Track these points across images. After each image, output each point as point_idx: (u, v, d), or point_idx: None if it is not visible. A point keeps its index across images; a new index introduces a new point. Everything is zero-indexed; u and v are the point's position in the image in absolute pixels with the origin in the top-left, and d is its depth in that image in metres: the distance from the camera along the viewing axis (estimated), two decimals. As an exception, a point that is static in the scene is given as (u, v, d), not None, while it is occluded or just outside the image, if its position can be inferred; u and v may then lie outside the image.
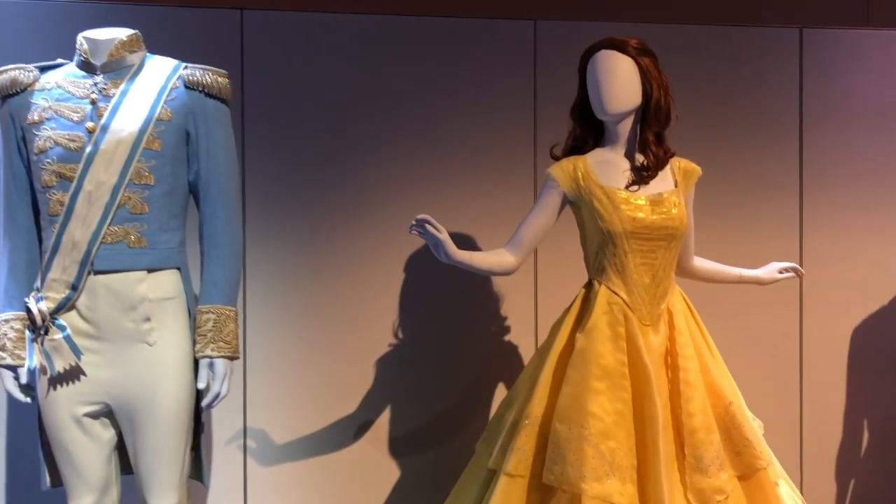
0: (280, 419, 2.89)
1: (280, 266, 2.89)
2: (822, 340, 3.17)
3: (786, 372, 3.15)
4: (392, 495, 2.94)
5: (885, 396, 3.20)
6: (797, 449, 3.16)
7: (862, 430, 3.21)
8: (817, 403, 3.16)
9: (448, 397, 2.97)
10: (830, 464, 3.19)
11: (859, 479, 3.19)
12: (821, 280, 3.16)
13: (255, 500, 2.88)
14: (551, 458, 2.11)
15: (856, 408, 3.19)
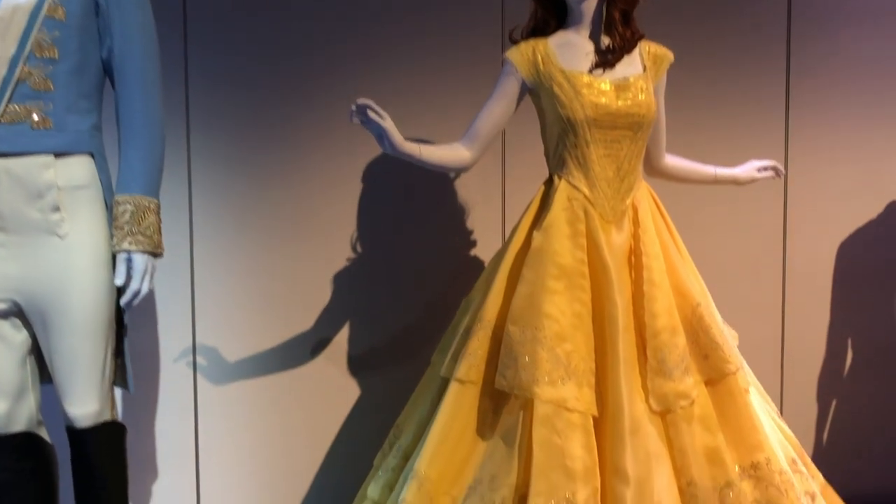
0: (231, 335, 2.74)
1: (228, 175, 2.72)
2: (807, 256, 3.01)
3: (768, 289, 3.00)
4: (351, 414, 2.81)
5: (870, 315, 3.05)
6: (778, 370, 3.02)
7: (845, 349, 3.07)
8: (799, 322, 3.02)
9: (410, 314, 2.82)
10: (812, 385, 3.05)
11: (841, 400, 3.06)
12: (806, 192, 2.99)
13: (206, 419, 2.74)
14: (503, 363, 1.96)
15: (839, 327, 3.05)
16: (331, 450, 2.80)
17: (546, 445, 1.86)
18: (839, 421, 3.06)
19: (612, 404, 1.90)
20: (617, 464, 1.85)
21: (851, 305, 3.04)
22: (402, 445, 2.19)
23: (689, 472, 1.89)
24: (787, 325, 3.02)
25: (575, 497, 1.82)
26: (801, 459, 2.14)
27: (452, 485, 1.97)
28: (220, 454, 2.75)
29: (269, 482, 2.77)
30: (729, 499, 1.88)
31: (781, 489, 1.93)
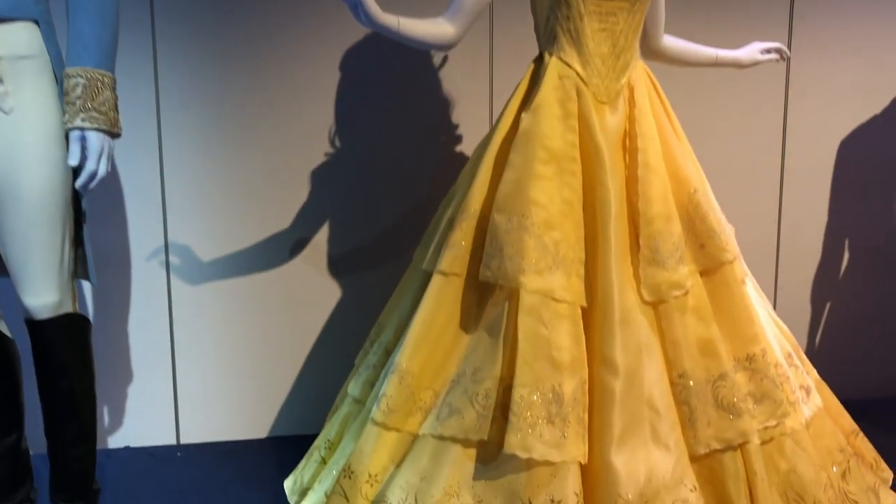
0: (204, 234, 2.62)
1: (197, 60, 2.54)
2: (806, 153, 2.90)
3: (765, 188, 2.89)
4: (332, 316, 2.72)
5: (868, 216, 2.96)
6: (773, 271, 2.94)
7: (841, 251, 2.99)
8: (796, 222, 2.93)
9: (393, 212, 2.70)
10: (806, 287, 2.98)
11: (835, 303, 2.99)
12: (808, 86, 2.85)
13: (181, 320, 2.65)
14: (488, 253, 1.85)
15: (836, 227, 2.96)
16: (311, 351, 2.72)
17: (532, 336, 1.77)
18: (833, 323, 3.00)
19: (602, 294, 1.80)
20: (606, 355, 1.77)
21: (849, 205, 2.94)
22: (383, 342, 2.10)
23: (681, 364, 1.81)
24: (783, 224, 2.92)
25: (561, 388, 1.74)
26: (797, 354, 2.07)
27: (434, 378, 1.89)
28: (197, 356, 2.67)
29: (249, 384, 2.70)
30: (722, 391, 1.80)
31: (776, 382, 1.86)
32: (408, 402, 1.87)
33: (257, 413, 2.72)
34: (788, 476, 1.83)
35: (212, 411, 2.70)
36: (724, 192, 2.78)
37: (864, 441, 2.16)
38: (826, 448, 1.96)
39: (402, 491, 1.79)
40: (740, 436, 1.78)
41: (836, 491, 1.89)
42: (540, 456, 1.69)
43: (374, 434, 1.87)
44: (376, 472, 1.86)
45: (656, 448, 1.74)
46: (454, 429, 1.79)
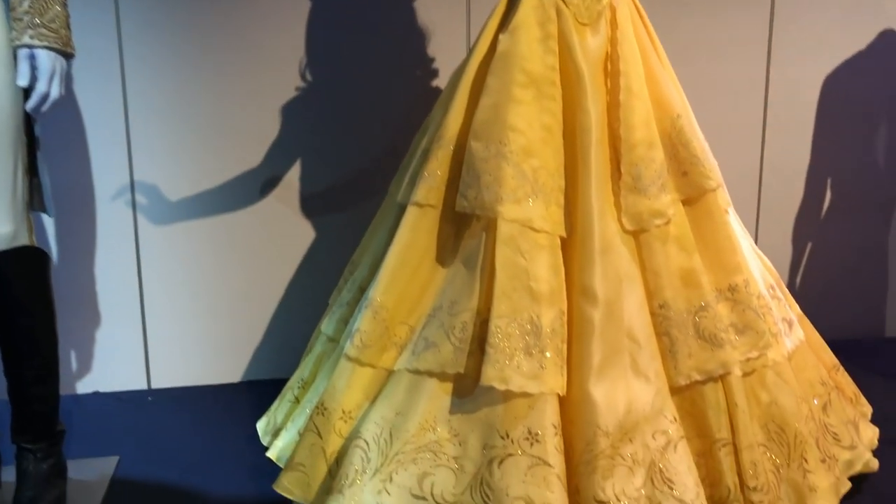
0: (172, 171, 2.53)
1: None
2: (790, 89, 2.83)
3: (748, 124, 2.83)
4: (307, 256, 2.65)
5: (852, 152, 2.91)
6: (754, 209, 2.90)
7: (824, 189, 2.94)
8: (779, 160, 2.87)
9: (368, 149, 2.61)
10: (788, 226, 2.94)
11: (816, 242, 2.96)
12: (794, 18, 2.77)
13: (149, 261, 2.57)
14: (465, 182, 1.79)
15: (819, 166, 2.91)
16: (286, 293, 2.65)
17: (509, 266, 1.71)
18: (813, 264, 2.97)
19: (582, 223, 1.74)
20: (585, 284, 1.72)
21: (833, 143, 2.89)
22: (357, 279, 2.04)
23: (662, 294, 1.76)
24: (765, 164, 2.87)
25: (539, 319, 1.69)
26: (780, 287, 2.03)
27: (410, 313, 1.83)
28: (166, 299, 2.59)
29: (222, 327, 2.63)
30: (704, 322, 1.76)
31: (759, 313, 1.82)
32: (382, 337, 1.82)
33: (231, 357, 2.66)
34: (770, 408, 1.80)
35: (183, 355, 2.63)
36: (706, 129, 2.73)
37: (844, 376, 2.14)
38: (807, 381, 1.93)
39: (377, 426, 1.75)
40: (721, 367, 1.74)
41: (816, 423, 1.86)
42: (517, 387, 1.65)
43: (347, 370, 1.82)
44: (350, 409, 1.81)
45: (636, 379, 1.70)
46: (430, 362, 1.74)
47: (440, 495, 1.67)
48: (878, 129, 2.92)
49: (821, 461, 1.79)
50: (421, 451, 1.70)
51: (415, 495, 1.68)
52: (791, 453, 1.78)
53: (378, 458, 1.71)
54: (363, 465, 1.71)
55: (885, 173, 2.96)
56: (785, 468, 1.78)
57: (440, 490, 1.67)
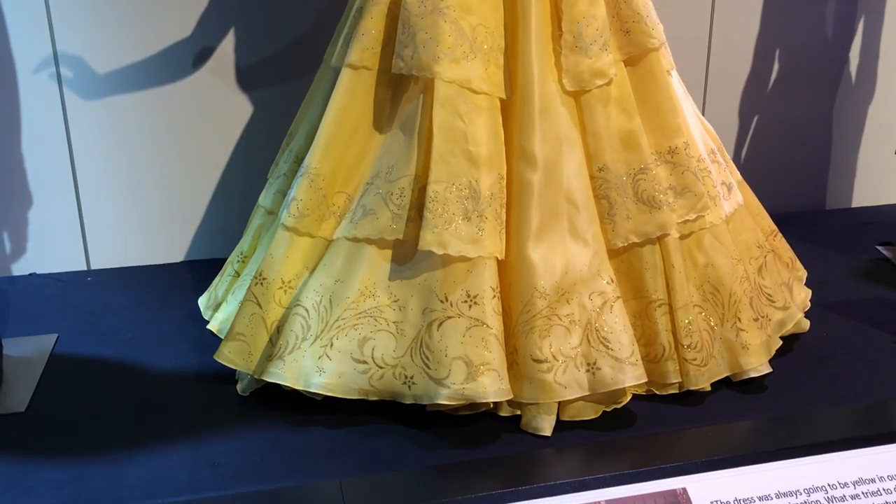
0: (98, 41, 2.39)
1: None
2: (741, -44, 2.76)
3: (696, -6, 2.76)
4: (245, 132, 2.56)
5: (801, 24, 2.87)
6: (702, 82, 2.87)
7: (772, 62, 2.92)
8: (728, 30, 2.82)
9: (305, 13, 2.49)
10: (735, 99, 2.92)
11: (763, 115, 2.96)
12: None
13: (80, 139, 2.46)
14: (401, 42, 1.72)
15: (768, 37, 2.87)
16: (225, 169, 2.57)
17: (447, 129, 1.67)
18: (759, 138, 2.98)
19: (522, 84, 1.70)
20: (524, 147, 1.69)
21: (782, 14, 2.85)
22: (293, 149, 1.98)
23: (601, 157, 1.75)
24: (714, 35, 2.82)
25: (478, 184, 1.67)
26: (721, 153, 2.02)
27: (347, 182, 1.79)
28: (101, 177, 2.50)
29: (161, 206, 2.56)
30: (643, 184, 1.75)
31: (698, 176, 1.82)
32: (320, 206, 1.78)
33: (171, 236, 2.60)
34: (706, 269, 1.83)
35: (122, 235, 2.57)
36: None
37: (781, 241, 2.17)
38: (744, 243, 1.95)
39: (316, 294, 1.73)
40: (659, 228, 1.75)
41: (751, 284, 1.90)
42: (456, 252, 1.64)
43: (285, 239, 1.79)
44: (289, 279, 1.79)
45: (574, 242, 1.70)
46: (368, 230, 1.72)
47: (381, 358, 1.68)
48: (828, 1, 2.88)
49: (753, 320, 1.84)
50: (361, 317, 1.70)
51: (355, 359, 1.68)
52: (725, 313, 1.82)
53: (318, 325, 1.71)
54: (304, 332, 1.71)
55: (833, 46, 2.93)
56: (719, 327, 1.82)
57: (381, 353, 1.68)
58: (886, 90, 3.02)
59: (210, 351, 1.88)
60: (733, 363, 1.81)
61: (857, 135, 3.07)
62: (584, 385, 1.66)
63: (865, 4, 2.92)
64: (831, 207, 3.13)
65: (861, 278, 2.45)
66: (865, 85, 3.02)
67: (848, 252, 2.66)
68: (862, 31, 2.95)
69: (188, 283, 2.45)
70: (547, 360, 1.64)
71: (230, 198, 2.58)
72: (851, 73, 2.99)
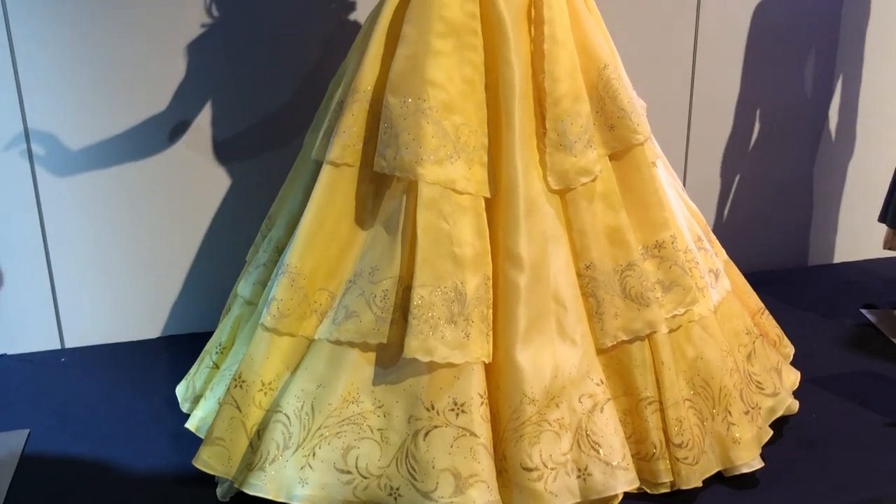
0: (70, 116, 2.33)
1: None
2: (721, 19, 2.75)
3: (678, 55, 2.76)
4: (221, 206, 2.51)
5: (781, 83, 2.88)
6: (683, 142, 2.86)
7: (753, 121, 2.92)
8: (709, 90, 2.82)
9: (283, 87, 2.46)
10: (717, 158, 2.92)
11: (745, 173, 2.96)
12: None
13: (53, 217, 2.40)
14: (383, 140, 1.68)
15: (749, 96, 2.87)
16: (203, 243, 2.52)
17: (431, 231, 1.63)
18: (741, 195, 2.97)
19: (506, 183, 1.67)
20: (510, 248, 1.65)
21: (762, 73, 2.85)
22: (273, 238, 1.94)
23: (588, 254, 1.72)
24: (695, 95, 2.82)
25: (464, 286, 1.63)
26: (707, 236, 2.00)
27: (329, 278, 1.75)
28: (74, 253, 2.44)
29: (136, 281, 2.50)
30: (630, 281, 1.72)
31: (685, 268, 1.79)
32: (301, 304, 1.73)
33: (147, 311, 2.54)
34: (695, 363, 1.80)
35: (97, 312, 2.50)
36: (637, 60, 2.65)
37: (768, 318, 2.15)
38: (733, 330, 1.93)
39: (298, 400, 1.68)
40: (648, 326, 1.72)
41: (741, 374, 1.87)
42: (442, 358, 1.60)
43: (265, 340, 1.74)
44: (270, 380, 1.74)
45: (562, 343, 1.67)
46: (351, 332, 1.67)
47: (365, 468, 1.63)
48: (807, 60, 2.89)
49: (744, 413, 1.81)
50: (344, 424, 1.65)
51: (339, 469, 1.63)
52: (716, 406, 1.80)
53: (300, 433, 1.66)
54: (285, 441, 1.66)
55: (812, 104, 2.94)
56: (710, 421, 1.79)
57: (365, 463, 1.63)
58: (866, 147, 3.03)
59: (189, 447, 1.83)
60: (724, 458, 1.78)
61: (837, 192, 3.08)
62: (575, 492, 1.62)
63: (843, 64, 2.93)
64: (814, 264, 3.12)
65: (847, 347, 2.44)
66: (845, 142, 3.03)
67: (832, 315, 2.65)
68: (840, 90, 2.97)
69: (165, 362, 2.39)
70: (537, 469, 1.60)
71: (208, 271, 2.53)
72: (831, 130, 3.00)
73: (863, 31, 2.90)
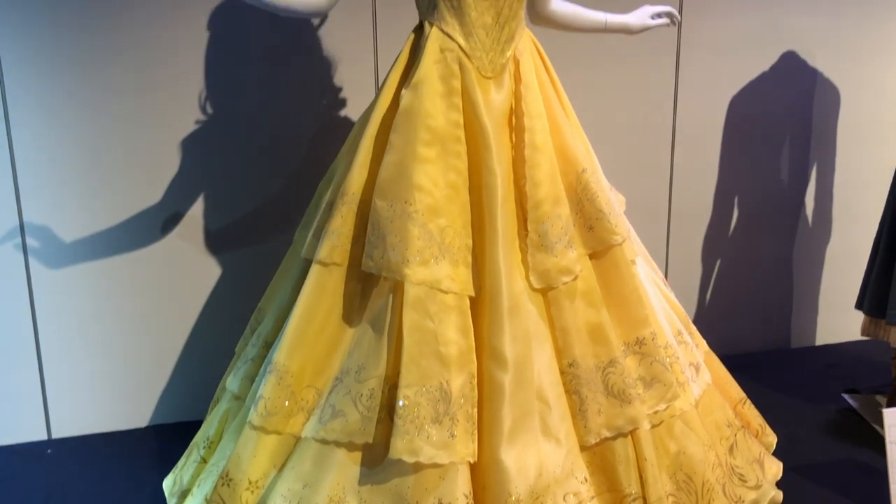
0: (65, 210, 2.39)
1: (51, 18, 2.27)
2: (697, 112, 2.87)
3: (657, 146, 2.86)
4: (211, 296, 2.55)
5: (757, 171, 2.98)
6: (664, 229, 2.93)
7: (731, 208, 3.00)
8: (688, 179, 2.92)
9: (273, 182, 2.53)
10: (697, 243, 2.99)
11: (725, 260, 3.02)
12: (699, 42, 2.80)
13: (44, 308, 2.43)
14: (370, 242, 1.73)
15: (726, 184, 2.96)
16: (192, 332, 2.55)
17: (417, 331, 1.67)
18: (722, 280, 3.04)
19: (490, 283, 1.72)
20: (495, 347, 1.69)
21: (739, 162, 2.95)
22: (262, 333, 1.97)
23: (571, 352, 1.76)
24: (674, 183, 2.91)
25: (449, 385, 1.66)
26: (687, 329, 2.05)
27: (317, 376, 1.78)
28: (64, 343, 2.46)
29: (125, 371, 2.52)
30: (612, 378, 1.76)
31: (666, 364, 1.83)
32: (288, 403, 1.76)
33: (135, 401, 2.55)
34: (678, 457, 1.82)
35: (85, 401, 2.51)
36: (617, 149, 2.75)
37: (750, 408, 2.19)
38: (715, 423, 1.96)
39: (284, 499, 1.69)
40: (630, 423, 1.75)
41: (723, 468, 1.90)
42: (427, 459, 1.62)
43: (252, 438, 1.75)
44: (257, 478, 1.75)
45: (546, 441, 1.70)
46: (337, 432, 1.69)
47: (351, 569, 1.63)
48: (782, 147, 2.99)
49: (727, 508, 1.83)
50: (331, 525, 1.66)
51: (325, 570, 1.63)
52: (699, 501, 1.81)
53: (287, 534, 1.66)
54: (272, 541, 1.66)
55: (789, 191, 3.03)
56: (693, 516, 1.80)
57: (351, 564, 1.63)
58: (842, 232, 3.11)
59: (175, 545, 1.82)
60: (709, 553, 1.79)
61: (817, 275, 3.15)
62: (561, 592, 1.63)
63: (817, 152, 3.03)
64: (796, 345, 3.17)
65: (830, 434, 2.46)
66: (822, 227, 3.11)
67: (815, 400, 2.68)
68: (815, 177, 3.06)
69: (153, 452, 2.39)
70: (522, 568, 1.61)
71: (196, 360, 2.55)
72: (808, 216, 3.08)
73: (834, 122, 3.02)
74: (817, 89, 2.96)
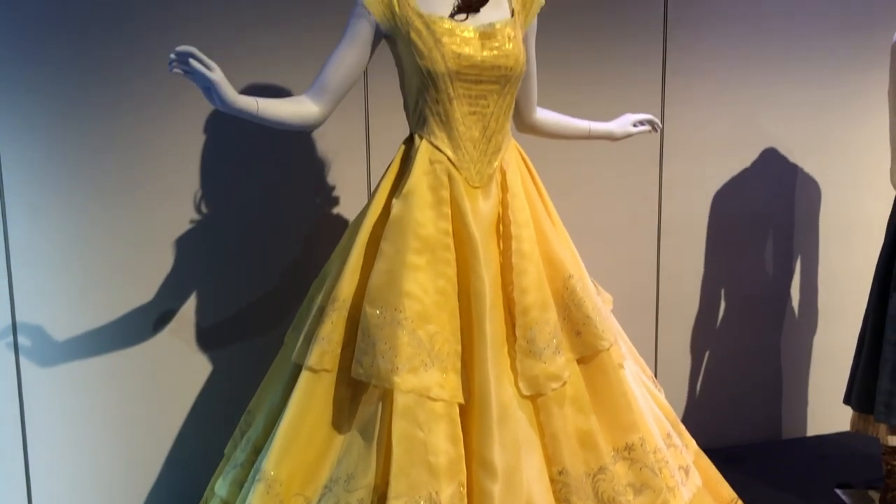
0: (59, 308, 2.40)
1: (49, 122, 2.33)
2: (682, 209, 2.94)
3: (643, 241, 2.92)
4: (202, 394, 2.55)
5: (743, 264, 3.03)
6: (652, 323, 2.97)
7: (718, 301, 3.04)
8: (674, 273, 2.96)
9: (265, 281, 2.56)
10: (686, 335, 3.02)
11: (713, 351, 3.05)
12: (682, 144, 2.89)
13: (33, 406, 2.42)
14: (360, 349, 1.76)
15: (713, 278, 3.01)
16: (179, 434, 2.54)
17: (407, 440, 1.68)
18: (712, 372, 3.05)
19: (479, 390, 1.73)
20: (484, 456, 1.70)
21: (724, 256, 3.01)
22: (251, 437, 1.97)
23: (561, 459, 1.76)
24: (661, 279, 2.95)
25: (439, 496, 1.66)
26: (676, 430, 2.06)
27: (305, 484, 1.77)
28: (52, 446, 2.44)
29: (111, 474, 2.49)
30: (602, 485, 1.76)
31: (655, 469, 1.84)
32: (277, 511, 1.75)
33: (123, 502, 2.52)
34: (669, 564, 1.81)
35: (71, 501, 2.47)
36: (605, 245, 2.80)
37: (742, 509, 2.18)
38: (705, 527, 1.95)
39: None
40: (621, 531, 1.74)
41: (715, 574, 1.88)
42: (417, 571, 1.61)
43: (240, 549, 1.74)
44: (244, 590, 1.73)
45: (536, 552, 1.69)
46: (327, 544, 1.68)
47: None
48: (767, 240, 3.05)
49: None
50: None
51: None
52: None
53: None
54: None
55: (774, 282, 3.08)
56: None
57: None
58: (829, 323, 3.15)
59: None
60: None
61: (805, 365, 3.17)
62: None
63: (801, 244, 3.09)
64: (787, 436, 3.17)
65: (824, 532, 2.45)
66: (809, 317, 3.15)
67: (807, 495, 2.67)
68: (800, 269, 3.12)
69: (138, 556, 2.35)
70: None
71: (185, 461, 2.53)
72: (794, 308, 3.12)
73: (816, 215, 3.09)
74: (798, 184, 3.04)
